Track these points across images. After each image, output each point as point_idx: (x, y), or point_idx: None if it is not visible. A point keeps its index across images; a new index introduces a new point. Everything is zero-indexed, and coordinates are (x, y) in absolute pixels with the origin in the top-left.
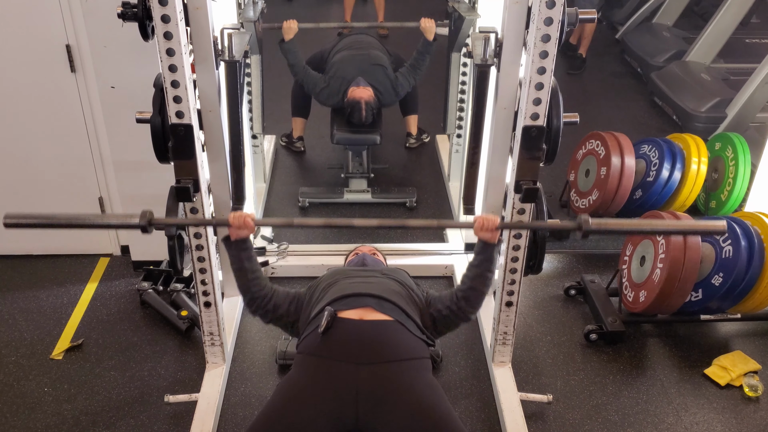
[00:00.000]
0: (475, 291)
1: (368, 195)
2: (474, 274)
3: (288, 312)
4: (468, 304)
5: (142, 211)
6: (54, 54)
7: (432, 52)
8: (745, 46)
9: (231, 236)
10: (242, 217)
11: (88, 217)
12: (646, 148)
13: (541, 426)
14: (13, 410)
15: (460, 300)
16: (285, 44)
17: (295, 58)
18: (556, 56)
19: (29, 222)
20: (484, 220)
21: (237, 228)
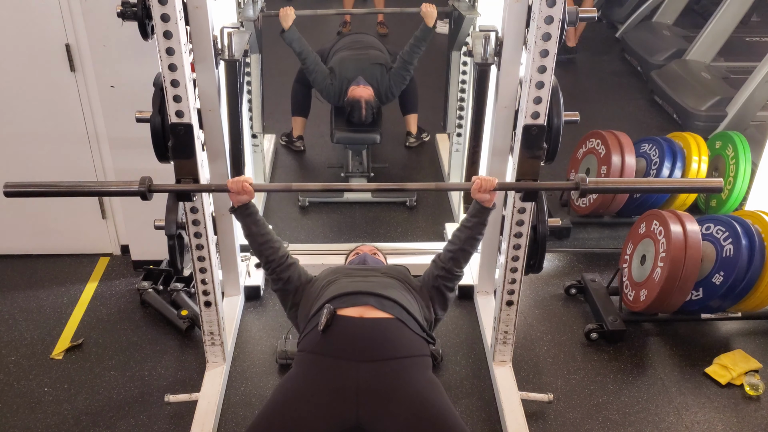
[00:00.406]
0: (464, 252)
1: (368, 194)
2: (466, 236)
3: (296, 290)
4: (456, 264)
5: (141, 177)
6: (53, 53)
7: (429, 39)
8: (745, 45)
9: (233, 202)
10: (240, 182)
11: (88, 185)
12: (647, 147)
13: (541, 425)
14: (13, 410)
15: (447, 261)
16: (286, 33)
17: (301, 45)
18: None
19: (29, 190)
20: (482, 181)
21: (236, 193)
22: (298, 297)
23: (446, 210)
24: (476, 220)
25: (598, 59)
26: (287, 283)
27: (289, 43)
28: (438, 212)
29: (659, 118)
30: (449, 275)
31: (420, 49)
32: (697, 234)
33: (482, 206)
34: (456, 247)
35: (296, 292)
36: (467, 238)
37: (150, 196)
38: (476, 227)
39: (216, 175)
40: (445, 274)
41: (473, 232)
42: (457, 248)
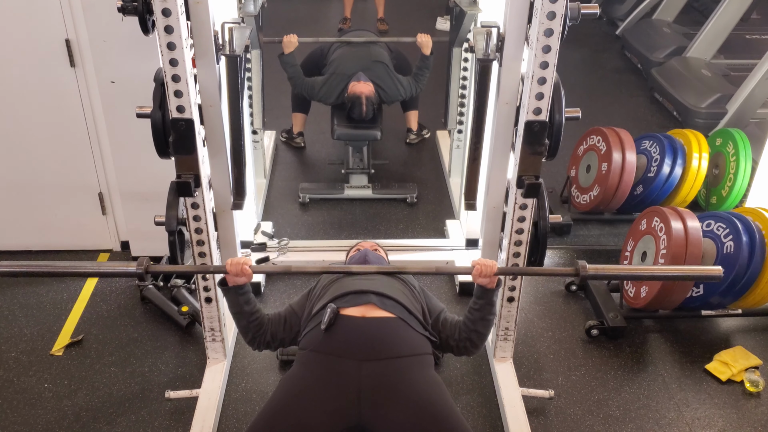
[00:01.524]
0: (478, 333)
1: (369, 191)
2: (476, 318)
3: (287, 334)
4: (471, 345)
5: (139, 258)
6: (53, 49)
7: (430, 67)
8: (745, 42)
9: (228, 283)
10: (239, 265)
11: (85, 266)
12: (647, 144)
13: (542, 421)
14: (13, 406)
15: (464, 340)
16: (285, 57)
17: (294, 71)
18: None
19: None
20: (482, 266)
21: (234, 275)
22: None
23: (447, 207)
24: (482, 302)
25: (599, 56)
26: (274, 339)
27: (284, 66)
28: (439, 209)
29: (659, 115)
30: (464, 350)
31: (424, 76)
32: (697, 231)
33: (485, 288)
34: (469, 329)
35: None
36: (478, 320)
37: (147, 278)
38: (484, 308)
39: (217, 170)
40: (462, 348)
41: (483, 314)
42: (471, 330)
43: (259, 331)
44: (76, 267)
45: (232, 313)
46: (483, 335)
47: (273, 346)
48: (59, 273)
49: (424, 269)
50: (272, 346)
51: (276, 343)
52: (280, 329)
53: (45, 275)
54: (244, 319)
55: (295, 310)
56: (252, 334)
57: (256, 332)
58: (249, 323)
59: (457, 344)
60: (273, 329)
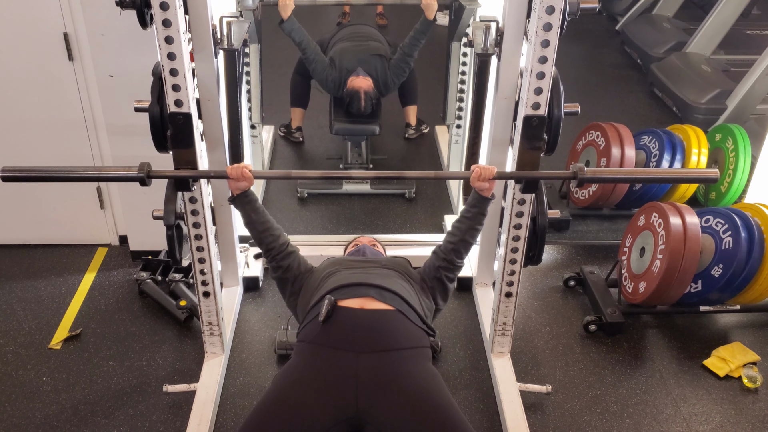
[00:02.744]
0: (465, 242)
1: (367, 186)
2: (466, 227)
3: (295, 279)
4: (457, 255)
5: (141, 163)
6: (51, 42)
7: (428, 32)
8: (745, 38)
9: (232, 190)
10: (239, 168)
11: (86, 170)
12: (646, 139)
13: (540, 416)
14: (11, 399)
15: (448, 252)
16: (285, 23)
17: (301, 35)
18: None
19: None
20: (481, 169)
21: (236, 180)
22: (297, 286)
23: (445, 202)
24: (476, 210)
25: (598, 52)
26: (287, 271)
27: (288, 33)
28: (437, 204)
29: (659, 110)
30: (451, 266)
31: (420, 42)
32: (696, 226)
33: (481, 196)
34: (456, 238)
35: (295, 280)
36: (467, 229)
37: (149, 182)
38: (476, 217)
39: (215, 164)
40: (447, 265)
41: (473, 223)
42: (458, 239)
43: (274, 244)
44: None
45: (245, 225)
46: (469, 244)
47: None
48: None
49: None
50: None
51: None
52: (296, 271)
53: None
54: (255, 229)
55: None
56: (266, 246)
57: (270, 243)
58: (260, 233)
59: (442, 267)
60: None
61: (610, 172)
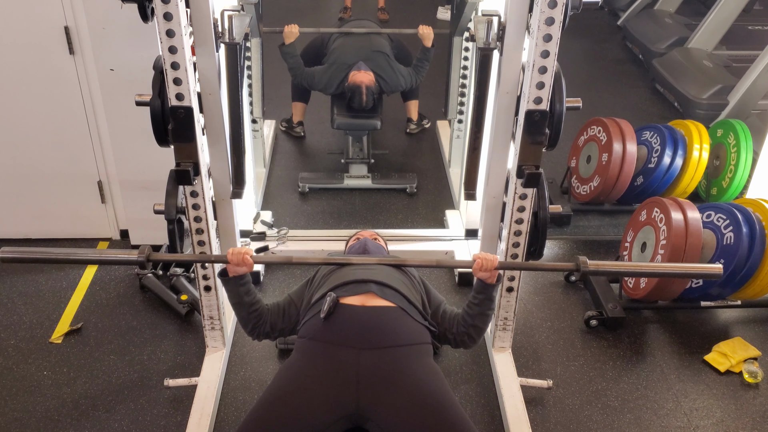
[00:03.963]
0: (476, 328)
1: (368, 180)
2: (475, 313)
3: (286, 323)
4: (469, 339)
5: (140, 246)
6: (52, 36)
7: (431, 59)
8: (747, 33)
9: (229, 273)
10: (241, 255)
11: (86, 253)
12: (648, 135)
13: (540, 411)
14: (12, 393)
15: (462, 334)
16: (285, 48)
17: (295, 62)
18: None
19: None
20: (483, 260)
21: (235, 265)
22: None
23: (446, 197)
24: (482, 297)
25: (600, 47)
26: (274, 329)
27: (284, 56)
28: (438, 199)
29: (660, 106)
30: (461, 344)
31: (425, 68)
32: (697, 221)
33: (486, 283)
34: (468, 324)
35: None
36: (477, 315)
37: (149, 266)
38: (484, 303)
39: (216, 159)
40: (458, 340)
41: (482, 309)
42: (470, 324)
43: (258, 322)
44: (77, 254)
45: (232, 304)
46: (481, 330)
47: (272, 336)
48: (60, 260)
49: (425, 262)
50: (272, 336)
51: (275, 333)
52: (279, 320)
53: (45, 262)
54: (244, 310)
55: (294, 301)
56: (252, 325)
57: (255, 323)
58: (249, 314)
59: (455, 337)
60: (272, 320)
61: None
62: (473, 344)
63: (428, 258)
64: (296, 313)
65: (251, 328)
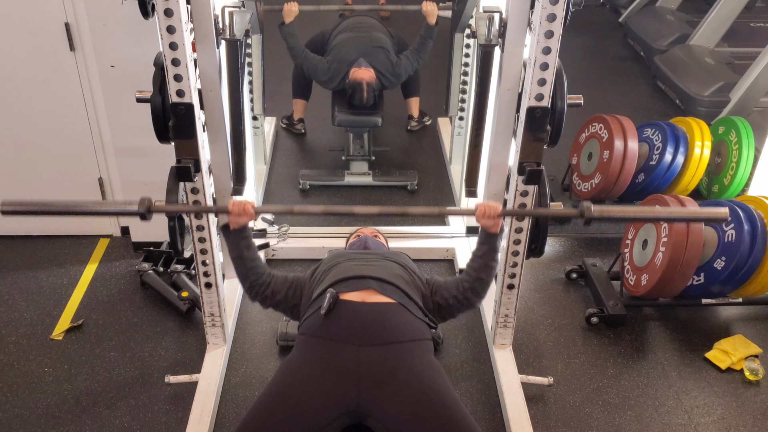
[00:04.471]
0: (480, 281)
1: (369, 178)
2: (479, 265)
3: (286, 297)
4: (474, 294)
5: (141, 197)
6: (53, 32)
7: (434, 37)
8: (749, 30)
9: (230, 224)
10: (242, 204)
11: (86, 204)
12: (649, 132)
13: (541, 408)
14: (13, 390)
15: (466, 290)
16: (285, 27)
17: (295, 42)
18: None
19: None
20: (486, 206)
21: (237, 215)
22: (292, 300)
23: (447, 194)
24: (486, 248)
25: (601, 44)
26: (274, 296)
27: (284, 36)
28: (439, 196)
29: (662, 103)
30: (466, 303)
31: (427, 47)
32: None
33: (489, 233)
34: (472, 277)
35: (286, 299)
36: (481, 268)
37: (149, 216)
38: (487, 254)
39: (217, 156)
40: (463, 301)
41: (486, 260)
42: (474, 278)
43: (258, 280)
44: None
45: (233, 258)
46: (486, 283)
47: (268, 302)
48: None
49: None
50: (267, 302)
51: (271, 302)
52: (282, 289)
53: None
54: (244, 265)
55: (302, 281)
56: (250, 282)
57: (255, 280)
58: (248, 269)
59: (457, 300)
60: (276, 286)
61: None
62: (478, 300)
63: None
64: (299, 294)
65: (249, 284)
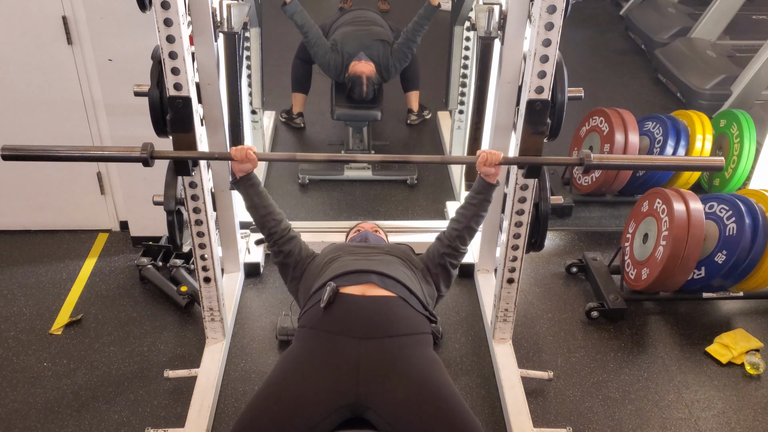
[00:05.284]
0: (469, 229)
1: (368, 172)
2: (471, 213)
3: (297, 264)
4: (461, 242)
5: (144, 143)
6: (50, 26)
7: (432, 18)
8: (751, 23)
9: (235, 172)
10: (244, 150)
11: (88, 149)
12: (650, 125)
13: (541, 402)
14: (12, 384)
15: (453, 240)
16: (288, 5)
17: (303, 18)
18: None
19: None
20: (488, 154)
21: (240, 161)
22: (299, 271)
23: (447, 188)
24: (481, 197)
25: (602, 37)
26: (288, 256)
27: (290, 15)
28: (439, 191)
29: (663, 96)
30: (455, 252)
31: (424, 28)
32: (700, 212)
33: (486, 182)
34: (461, 225)
35: (296, 266)
36: (473, 216)
37: (152, 162)
38: (481, 204)
39: (215, 148)
40: (451, 252)
41: (478, 209)
42: (463, 226)
43: (275, 228)
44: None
45: (247, 208)
46: (474, 231)
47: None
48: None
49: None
50: (279, 257)
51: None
52: (298, 255)
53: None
54: (257, 213)
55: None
56: (268, 230)
57: (272, 228)
58: (263, 217)
59: (447, 254)
60: (295, 249)
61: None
62: (465, 247)
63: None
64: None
65: (268, 232)
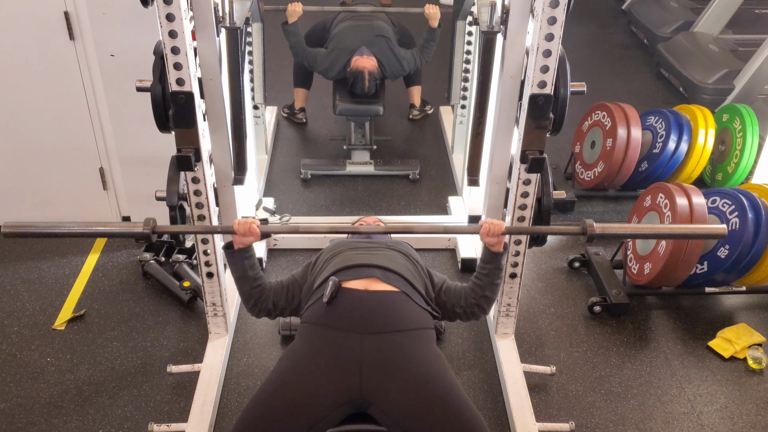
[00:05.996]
0: (486, 299)
1: (371, 167)
2: (485, 284)
3: (288, 303)
4: (480, 310)
5: (146, 218)
6: (52, 21)
7: (437, 39)
8: (754, 17)
9: (234, 244)
10: (248, 224)
11: (90, 225)
12: (653, 120)
13: (544, 397)
14: (16, 380)
15: (473, 306)
16: (288, 27)
17: (297, 40)
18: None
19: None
20: (490, 224)
21: (242, 235)
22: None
23: (449, 183)
24: (490, 267)
25: (604, 31)
26: (276, 307)
27: (286, 35)
28: (441, 185)
29: (665, 91)
30: (472, 316)
31: (431, 49)
32: (702, 207)
33: (492, 252)
34: (478, 294)
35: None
36: (487, 286)
37: (153, 238)
38: (492, 273)
39: (217, 145)
40: (470, 313)
41: (491, 279)
42: (480, 295)
43: (260, 298)
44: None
45: (236, 278)
46: (492, 299)
47: (273, 314)
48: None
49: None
50: (272, 314)
51: (276, 312)
52: (282, 297)
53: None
54: (248, 285)
55: (297, 280)
56: (254, 301)
57: (258, 298)
58: (252, 289)
59: (464, 311)
60: (275, 297)
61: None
62: (484, 314)
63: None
64: (299, 293)
65: (253, 303)
